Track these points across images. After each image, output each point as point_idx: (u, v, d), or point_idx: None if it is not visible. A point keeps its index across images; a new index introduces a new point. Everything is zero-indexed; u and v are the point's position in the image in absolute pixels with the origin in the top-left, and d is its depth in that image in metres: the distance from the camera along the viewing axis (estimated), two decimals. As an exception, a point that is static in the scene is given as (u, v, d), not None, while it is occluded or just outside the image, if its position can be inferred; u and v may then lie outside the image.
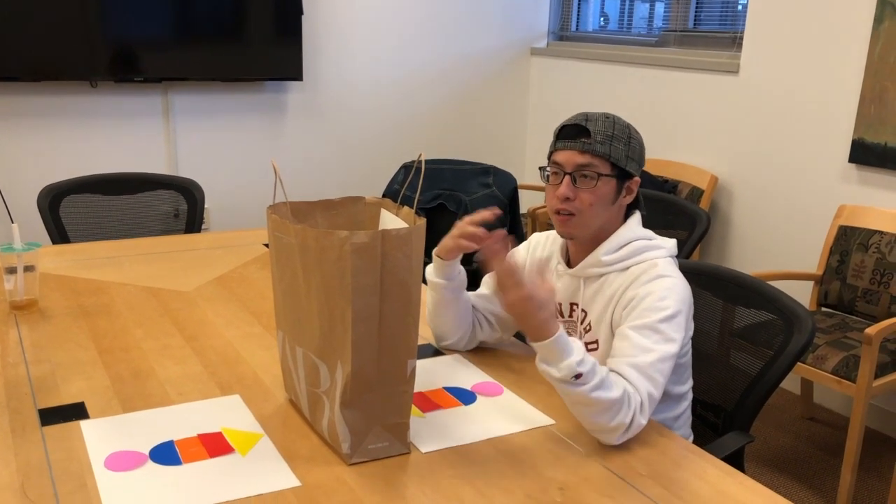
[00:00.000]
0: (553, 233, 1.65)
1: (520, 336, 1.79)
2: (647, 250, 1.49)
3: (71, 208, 2.61)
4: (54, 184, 2.61)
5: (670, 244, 1.53)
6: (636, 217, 1.55)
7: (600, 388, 1.28)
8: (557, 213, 1.49)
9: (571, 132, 1.47)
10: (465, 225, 1.50)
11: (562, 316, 1.61)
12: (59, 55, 3.38)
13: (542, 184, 1.56)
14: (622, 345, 1.40)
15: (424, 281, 1.54)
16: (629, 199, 1.52)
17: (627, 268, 1.49)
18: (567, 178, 1.47)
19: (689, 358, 1.56)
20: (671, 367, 1.39)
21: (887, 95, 2.83)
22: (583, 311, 1.56)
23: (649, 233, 1.55)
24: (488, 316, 1.70)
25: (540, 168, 1.55)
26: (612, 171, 1.47)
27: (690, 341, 1.56)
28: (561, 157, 1.48)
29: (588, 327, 1.55)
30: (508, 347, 1.75)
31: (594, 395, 1.27)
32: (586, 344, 1.56)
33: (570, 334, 1.58)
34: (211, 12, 3.62)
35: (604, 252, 1.51)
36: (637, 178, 1.51)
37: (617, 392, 1.29)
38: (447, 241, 1.55)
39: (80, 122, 3.59)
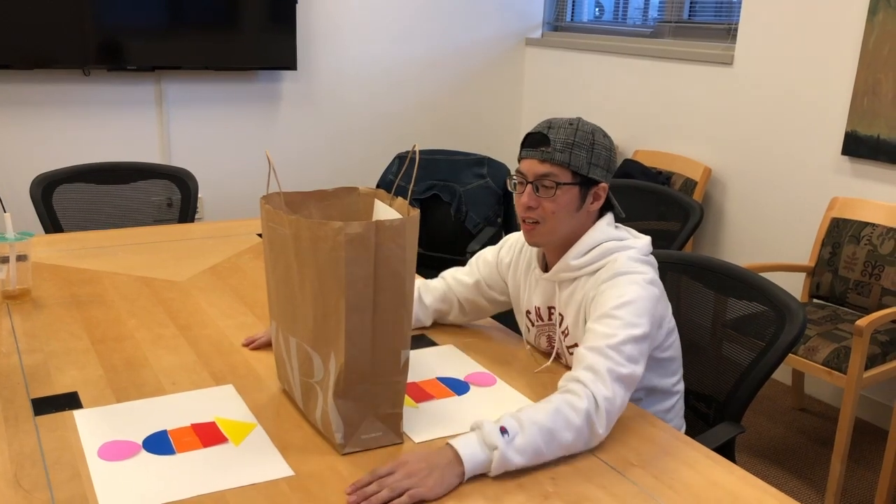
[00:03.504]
0: None
1: (512, 327, 1.80)
2: (616, 251, 1.48)
3: (64, 197, 2.60)
4: (47, 173, 2.59)
5: (642, 243, 1.51)
6: (606, 219, 1.53)
7: (532, 418, 1.24)
8: (524, 221, 1.50)
9: (533, 140, 1.46)
10: None
11: (540, 319, 1.62)
12: (51, 43, 3.36)
13: None
14: (585, 336, 1.40)
15: (418, 272, 1.54)
16: (597, 204, 1.50)
17: (596, 271, 1.49)
18: (529, 187, 1.47)
19: (674, 352, 1.56)
20: (641, 349, 1.37)
21: (880, 88, 2.84)
22: (560, 314, 1.56)
23: (622, 233, 1.53)
24: (462, 301, 1.75)
25: (508, 177, 1.55)
26: (573, 179, 1.45)
27: (676, 335, 1.56)
28: (524, 166, 1.48)
29: (566, 331, 1.56)
30: (501, 338, 1.76)
31: (536, 428, 1.23)
32: (567, 348, 1.57)
33: (550, 337, 1.60)
34: (204, 0, 3.60)
35: (573, 256, 1.50)
36: (604, 184, 1.49)
37: (549, 404, 1.27)
38: None
39: (72, 111, 3.57)
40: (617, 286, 1.42)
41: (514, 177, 1.51)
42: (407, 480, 1.16)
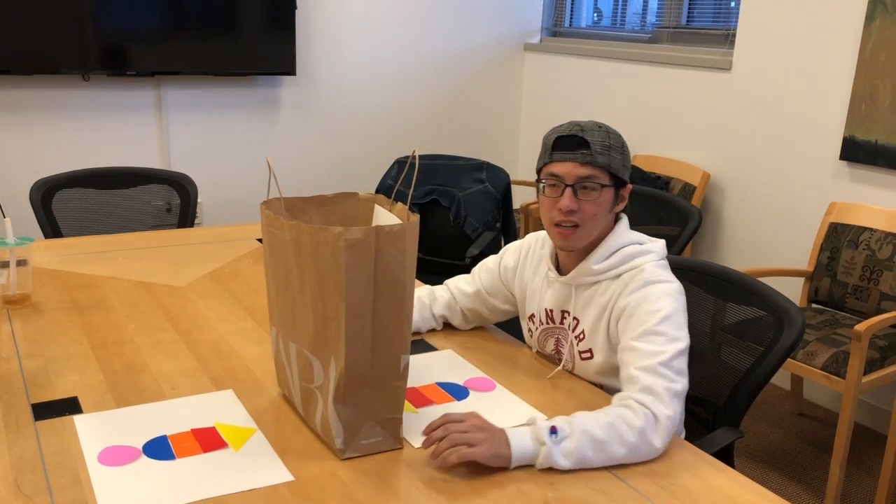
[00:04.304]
0: (543, 235, 1.65)
1: (512, 330, 1.80)
2: (638, 256, 1.49)
3: (63, 202, 2.60)
4: (46, 178, 2.60)
5: (659, 246, 1.52)
6: (624, 222, 1.54)
7: (584, 425, 1.26)
8: (558, 225, 1.48)
9: (569, 143, 1.45)
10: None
11: (550, 322, 1.61)
12: (51, 48, 3.37)
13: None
14: (630, 356, 1.39)
15: (418, 277, 1.55)
16: (622, 205, 1.52)
17: (619, 275, 1.49)
18: (569, 190, 1.45)
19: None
20: (686, 361, 1.39)
21: (878, 93, 2.85)
22: (574, 318, 1.56)
23: (640, 236, 1.54)
24: (465, 310, 1.77)
25: (537, 180, 1.52)
26: (610, 180, 1.46)
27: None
28: (560, 168, 1.46)
29: (582, 335, 1.55)
30: (501, 343, 1.76)
31: (588, 435, 1.25)
32: (580, 353, 1.57)
33: (559, 341, 1.60)
34: (204, 6, 3.61)
35: (595, 261, 1.50)
36: (630, 186, 1.51)
37: (604, 415, 1.29)
38: None
39: (72, 116, 3.57)
40: (651, 299, 1.42)
41: (545, 180, 1.49)
42: (467, 435, 1.24)
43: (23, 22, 3.29)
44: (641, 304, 1.42)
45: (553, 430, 1.25)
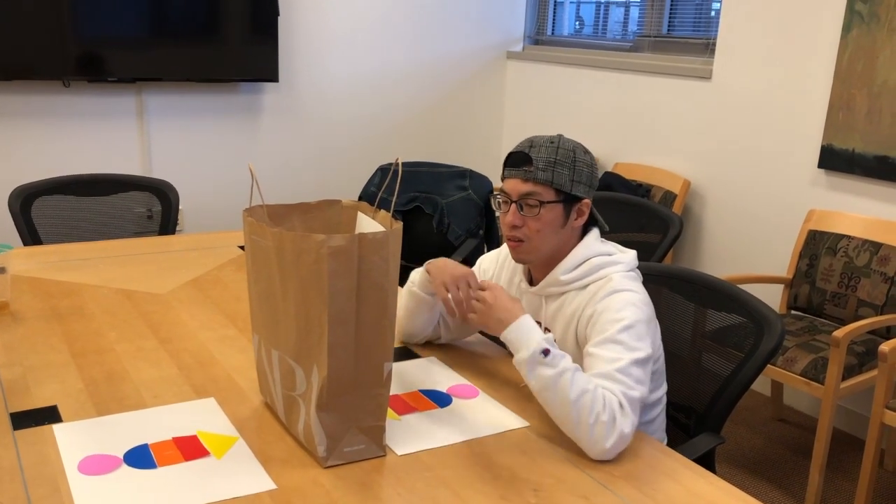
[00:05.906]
0: None
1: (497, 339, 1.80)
2: (605, 266, 1.50)
3: (43, 209, 2.58)
4: (26, 185, 2.58)
5: (629, 258, 1.53)
6: (593, 234, 1.55)
7: (571, 374, 1.32)
8: (509, 239, 1.52)
9: (515, 160, 1.49)
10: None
11: None
12: (31, 54, 3.34)
13: None
14: (589, 362, 1.41)
15: (401, 284, 1.55)
16: (581, 220, 1.53)
17: (586, 286, 1.50)
18: (513, 206, 1.49)
19: (661, 365, 1.57)
20: (646, 372, 1.40)
21: (854, 103, 2.89)
22: (546, 329, 1.57)
23: (609, 247, 1.55)
24: (443, 316, 1.77)
25: (492, 195, 1.57)
26: (556, 196, 1.47)
27: (662, 349, 1.58)
28: (507, 185, 1.50)
29: None
30: (483, 350, 1.76)
31: (565, 380, 1.31)
32: None
33: None
34: (186, 12, 3.60)
35: (562, 272, 1.52)
36: (587, 200, 1.51)
37: (589, 384, 1.32)
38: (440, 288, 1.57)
39: (52, 123, 3.55)
40: (614, 308, 1.43)
41: (498, 196, 1.52)
42: (472, 302, 1.47)
43: (2, 27, 3.26)
44: (605, 311, 1.44)
45: (546, 352, 1.33)
